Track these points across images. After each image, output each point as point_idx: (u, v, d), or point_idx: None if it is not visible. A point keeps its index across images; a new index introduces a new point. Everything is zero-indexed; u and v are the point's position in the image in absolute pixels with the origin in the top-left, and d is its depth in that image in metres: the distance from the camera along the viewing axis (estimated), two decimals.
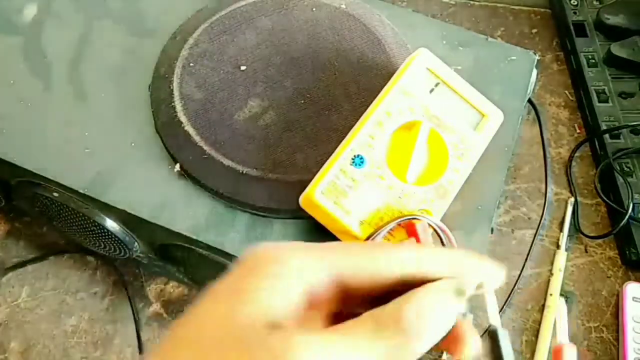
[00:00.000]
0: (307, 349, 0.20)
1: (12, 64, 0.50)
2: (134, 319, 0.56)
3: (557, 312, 0.56)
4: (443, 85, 0.44)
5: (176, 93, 0.46)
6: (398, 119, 0.42)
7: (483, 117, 0.44)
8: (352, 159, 0.40)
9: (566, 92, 0.69)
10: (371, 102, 0.43)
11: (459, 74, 0.45)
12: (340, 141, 0.42)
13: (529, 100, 0.55)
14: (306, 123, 0.45)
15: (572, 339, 0.56)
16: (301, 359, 0.20)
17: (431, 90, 0.43)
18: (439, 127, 0.42)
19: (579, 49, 0.69)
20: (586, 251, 0.60)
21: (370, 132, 0.41)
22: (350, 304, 0.24)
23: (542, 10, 0.75)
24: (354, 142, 0.41)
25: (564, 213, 0.62)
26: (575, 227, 0.61)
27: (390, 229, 0.39)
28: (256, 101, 0.46)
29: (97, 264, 0.59)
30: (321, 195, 0.39)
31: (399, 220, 0.39)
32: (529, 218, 0.62)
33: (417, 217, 0.39)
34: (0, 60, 0.50)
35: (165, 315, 0.57)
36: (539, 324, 0.56)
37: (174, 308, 0.57)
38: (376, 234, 0.39)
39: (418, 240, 0.39)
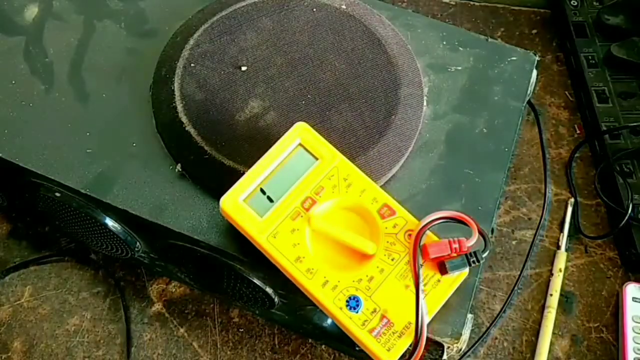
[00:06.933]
0: None
1: (13, 64, 0.50)
2: (126, 319, 0.57)
3: None
4: None
5: (177, 93, 0.46)
6: None
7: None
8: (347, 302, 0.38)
9: (566, 92, 0.69)
10: (371, 102, 0.43)
11: (459, 75, 0.45)
12: (340, 141, 0.42)
13: (528, 102, 0.55)
14: (307, 123, 0.45)
15: (572, 339, 0.56)
16: None
17: None
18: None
19: (579, 49, 0.69)
20: (586, 251, 0.60)
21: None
22: None
23: (542, 10, 0.75)
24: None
25: (564, 213, 0.62)
26: (575, 228, 0.61)
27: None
28: (257, 101, 0.46)
29: (99, 264, 0.60)
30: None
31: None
32: (529, 218, 0.62)
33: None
34: (1, 61, 0.50)
35: (167, 314, 0.57)
36: (539, 324, 0.56)
37: (176, 308, 0.58)
38: None
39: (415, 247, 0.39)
